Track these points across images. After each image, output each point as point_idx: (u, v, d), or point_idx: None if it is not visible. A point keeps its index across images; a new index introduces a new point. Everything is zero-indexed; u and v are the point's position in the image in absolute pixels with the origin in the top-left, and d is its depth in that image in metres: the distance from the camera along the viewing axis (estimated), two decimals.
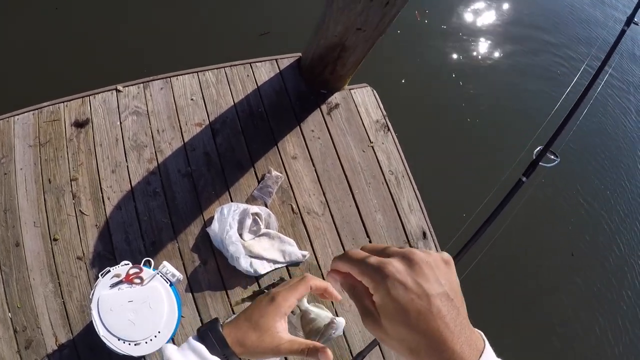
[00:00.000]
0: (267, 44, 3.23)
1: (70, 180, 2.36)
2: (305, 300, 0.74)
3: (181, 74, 2.68)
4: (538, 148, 1.41)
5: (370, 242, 2.55)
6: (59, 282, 2.17)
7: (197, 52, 3.08)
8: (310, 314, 0.75)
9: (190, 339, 0.64)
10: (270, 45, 3.02)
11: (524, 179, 1.44)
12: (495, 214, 1.43)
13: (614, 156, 4.24)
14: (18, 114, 2.43)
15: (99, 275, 1.74)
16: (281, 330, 0.63)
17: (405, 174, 2.77)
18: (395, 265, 0.47)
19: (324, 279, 0.63)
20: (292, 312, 0.70)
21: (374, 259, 0.49)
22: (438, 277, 0.47)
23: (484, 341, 0.46)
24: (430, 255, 0.49)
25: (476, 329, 0.47)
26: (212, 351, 0.62)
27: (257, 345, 0.63)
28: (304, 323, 0.76)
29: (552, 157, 1.41)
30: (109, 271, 1.75)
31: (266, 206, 2.48)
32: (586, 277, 3.57)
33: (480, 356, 0.44)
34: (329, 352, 0.60)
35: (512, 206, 1.57)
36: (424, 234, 2.65)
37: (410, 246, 2.59)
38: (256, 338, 0.63)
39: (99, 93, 2.55)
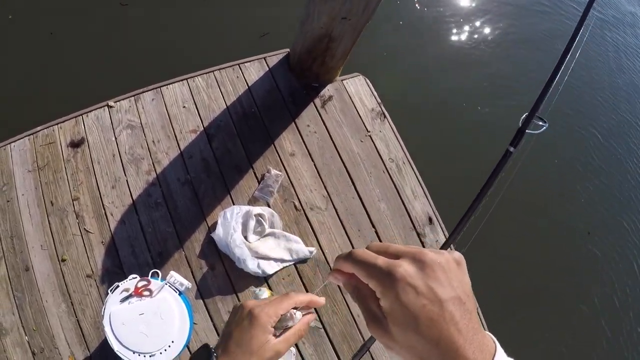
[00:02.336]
0: (258, 44, 3.20)
1: (72, 201, 2.37)
2: (265, 293, 0.76)
3: (171, 83, 2.67)
4: (524, 115, 1.38)
5: (376, 232, 2.55)
6: (71, 302, 2.18)
7: (185, 59, 3.06)
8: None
9: None
10: (260, 45, 3.00)
11: (511, 149, 1.41)
12: (485, 189, 1.41)
13: (607, 111, 4.19)
14: (14, 141, 2.44)
15: (109, 291, 1.74)
16: (272, 339, 0.64)
17: (405, 160, 2.75)
18: (406, 268, 0.44)
19: None
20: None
21: (382, 261, 0.46)
22: (451, 280, 0.44)
23: (495, 343, 0.44)
24: (442, 256, 0.45)
25: (487, 332, 0.45)
26: None
27: None
28: None
29: (540, 123, 1.37)
30: (118, 286, 1.76)
31: (269, 206, 2.48)
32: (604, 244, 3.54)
33: (493, 358, 0.42)
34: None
35: (509, 177, 1.56)
36: (430, 220, 2.63)
37: (417, 233, 2.58)
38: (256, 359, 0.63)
39: (91, 111, 2.55)
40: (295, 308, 0.65)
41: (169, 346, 1.73)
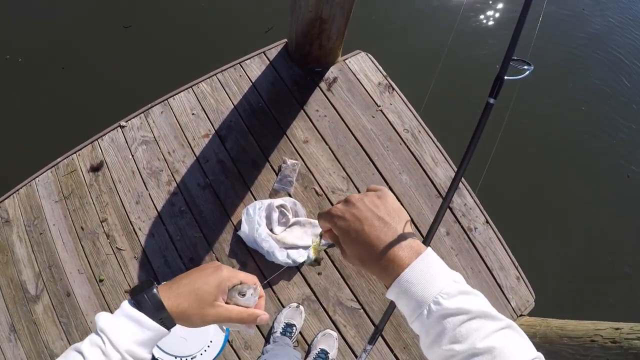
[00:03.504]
0: (264, 40, 3.18)
1: (101, 222, 2.43)
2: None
3: (177, 93, 2.70)
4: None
5: (401, 205, 2.50)
6: None
7: (188, 67, 3.09)
8: None
9: (125, 303, 0.62)
10: (266, 41, 2.98)
11: (491, 100, 1.31)
12: (471, 145, 1.33)
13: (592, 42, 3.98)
14: (37, 176, 2.52)
15: None
16: (220, 300, 0.67)
17: (421, 128, 2.69)
18: (337, 207, 0.65)
19: None
20: None
21: (328, 209, 0.66)
22: (369, 206, 0.63)
23: (427, 248, 0.60)
24: (365, 195, 0.66)
25: (423, 245, 0.60)
26: (149, 315, 0.62)
27: (196, 312, 0.65)
28: None
29: (525, 66, 1.26)
30: None
31: (290, 196, 2.47)
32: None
33: (418, 257, 0.57)
34: (267, 315, 0.70)
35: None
36: None
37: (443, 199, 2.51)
38: (197, 305, 0.65)
39: (105, 134, 2.60)
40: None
41: (208, 346, 1.75)
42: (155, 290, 0.64)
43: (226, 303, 0.67)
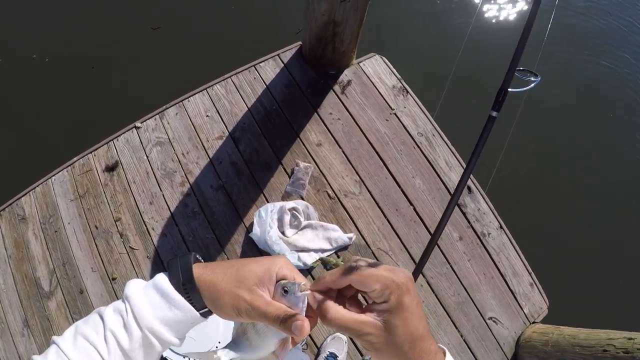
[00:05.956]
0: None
1: (115, 222, 2.45)
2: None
3: (191, 95, 2.72)
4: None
5: (414, 209, 2.50)
6: None
7: (203, 69, 3.11)
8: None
9: (160, 274, 0.59)
10: (269, 44, 2.99)
11: (494, 113, 1.26)
12: (473, 157, 1.30)
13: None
14: (54, 175, 2.56)
15: None
16: (264, 289, 0.55)
17: (435, 132, 2.67)
18: (402, 277, 0.53)
19: (374, 256, 0.63)
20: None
21: (384, 270, 0.53)
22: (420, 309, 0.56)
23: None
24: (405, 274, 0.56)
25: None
26: (174, 278, 0.57)
27: (229, 290, 0.55)
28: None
29: (531, 77, 1.20)
30: None
31: (302, 198, 2.47)
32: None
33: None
34: (306, 325, 0.52)
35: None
36: (469, 189, 2.54)
37: (457, 204, 2.49)
38: (232, 281, 0.55)
39: (121, 135, 2.63)
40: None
41: (216, 347, 1.74)
42: (190, 256, 0.59)
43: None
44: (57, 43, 3.35)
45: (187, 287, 0.56)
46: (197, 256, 0.61)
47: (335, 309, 0.53)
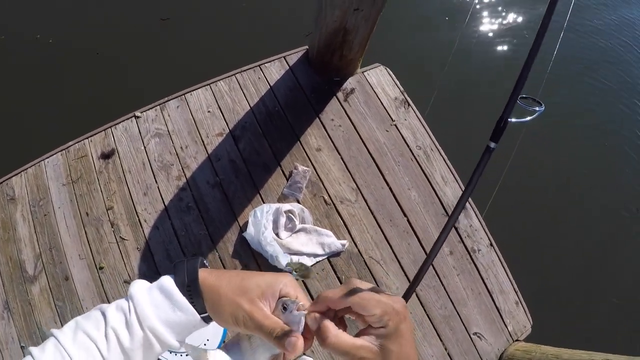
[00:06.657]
0: (271, 44, 3.20)
1: (107, 210, 2.42)
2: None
3: (194, 89, 2.71)
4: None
5: (408, 221, 2.51)
6: None
7: (209, 65, 3.10)
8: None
9: (166, 276, 0.60)
10: (274, 45, 3.00)
11: (492, 144, 1.21)
12: (468, 188, 1.29)
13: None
14: (47, 157, 2.51)
15: None
16: (265, 303, 0.58)
17: (433, 146, 2.70)
18: (401, 305, 0.56)
19: (365, 264, 0.64)
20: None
21: (384, 296, 0.56)
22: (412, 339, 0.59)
23: None
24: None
25: None
26: (179, 279, 0.58)
27: (229, 296, 0.57)
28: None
29: (536, 107, 1.16)
30: None
31: (298, 202, 2.47)
32: None
33: None
34: (300, 343, 0.55)
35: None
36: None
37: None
38: (235, 289, 0.57)
39: (119, 123, 2.60)
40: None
41: (204, 344, 1.73)
42: (198, 260, 0.60)
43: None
44: (63, 25, 3.31)
45: (191, 288, 0.58)
46: (205, 262, 0.63)
47: (334, 333, 0.55)
